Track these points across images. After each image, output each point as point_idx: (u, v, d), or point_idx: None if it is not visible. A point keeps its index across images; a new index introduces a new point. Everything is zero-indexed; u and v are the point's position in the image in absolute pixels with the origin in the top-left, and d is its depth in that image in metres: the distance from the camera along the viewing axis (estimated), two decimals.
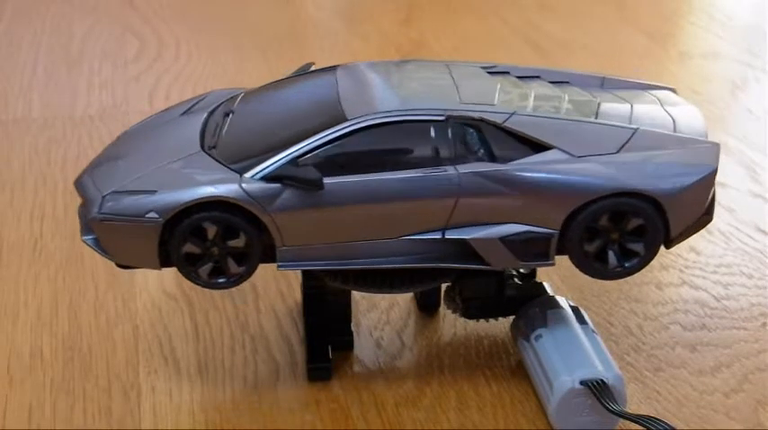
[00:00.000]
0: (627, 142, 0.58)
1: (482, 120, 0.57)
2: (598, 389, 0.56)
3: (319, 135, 0.57)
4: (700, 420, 0.61)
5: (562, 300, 0.64)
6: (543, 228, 0.58)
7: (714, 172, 0.58)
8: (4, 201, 0.83)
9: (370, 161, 0.57)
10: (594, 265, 0.59)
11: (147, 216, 0.56)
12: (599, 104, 0.61)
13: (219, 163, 0.58)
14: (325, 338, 0.64)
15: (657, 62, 1.16)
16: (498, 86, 0.61)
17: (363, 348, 0.66)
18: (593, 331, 0.62)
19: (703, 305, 0.72)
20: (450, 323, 0.69)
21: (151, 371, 0.64)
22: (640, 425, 0.56)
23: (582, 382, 0.57)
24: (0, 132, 0.95)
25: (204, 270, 0.58)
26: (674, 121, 0.61)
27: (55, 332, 0.68)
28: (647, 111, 0.62)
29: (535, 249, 0.58)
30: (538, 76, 0.65)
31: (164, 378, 0.63)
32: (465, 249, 0.58)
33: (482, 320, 0.66)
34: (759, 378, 0.65)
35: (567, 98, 0.62)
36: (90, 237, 0.59)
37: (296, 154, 0.56)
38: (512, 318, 0.65)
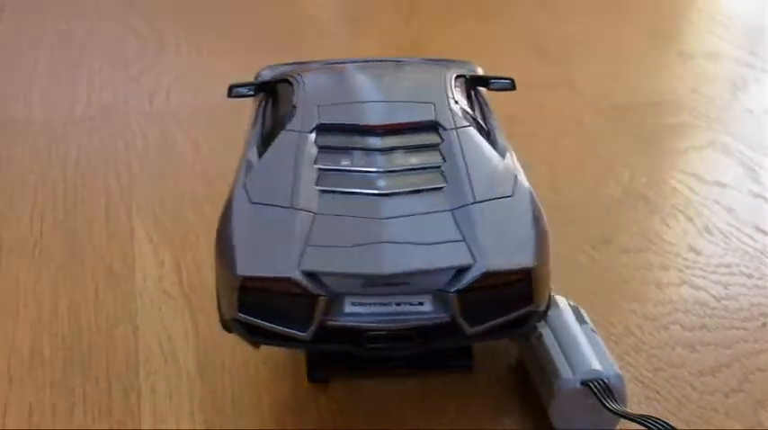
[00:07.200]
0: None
1: (284, 124, 0.62)
2: (598, 389, 0.56)
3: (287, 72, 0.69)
4: (700, 420, 0.61)
5: (562, 300, 0.64)
6: None
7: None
8: (4, 201, 0.83)
9: (275, 104, 0.67)
10: None
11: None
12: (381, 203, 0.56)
13: None
14: None
15: (657, 62, 1.16)
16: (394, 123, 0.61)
17: None
18: (593, 331, 0.62)
19: (703, 305, 0.72)
20: None
21: (151, 371, 0.64)
22: (640, 424, 0.56)
23: (582, 382, 0.57)
24: (0, 132, 0.95)
25: None
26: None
27: (55, 332, 0.68)
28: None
29: None
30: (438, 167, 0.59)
31: (164, 378, 0.63)
32: None
33: None
34: (759, 378, 0.65)
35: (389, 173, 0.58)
36: None
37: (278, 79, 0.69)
38: None
